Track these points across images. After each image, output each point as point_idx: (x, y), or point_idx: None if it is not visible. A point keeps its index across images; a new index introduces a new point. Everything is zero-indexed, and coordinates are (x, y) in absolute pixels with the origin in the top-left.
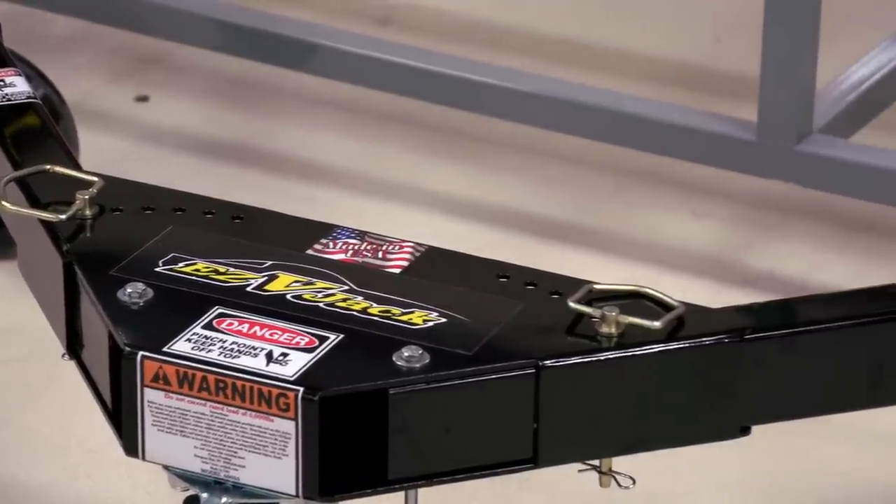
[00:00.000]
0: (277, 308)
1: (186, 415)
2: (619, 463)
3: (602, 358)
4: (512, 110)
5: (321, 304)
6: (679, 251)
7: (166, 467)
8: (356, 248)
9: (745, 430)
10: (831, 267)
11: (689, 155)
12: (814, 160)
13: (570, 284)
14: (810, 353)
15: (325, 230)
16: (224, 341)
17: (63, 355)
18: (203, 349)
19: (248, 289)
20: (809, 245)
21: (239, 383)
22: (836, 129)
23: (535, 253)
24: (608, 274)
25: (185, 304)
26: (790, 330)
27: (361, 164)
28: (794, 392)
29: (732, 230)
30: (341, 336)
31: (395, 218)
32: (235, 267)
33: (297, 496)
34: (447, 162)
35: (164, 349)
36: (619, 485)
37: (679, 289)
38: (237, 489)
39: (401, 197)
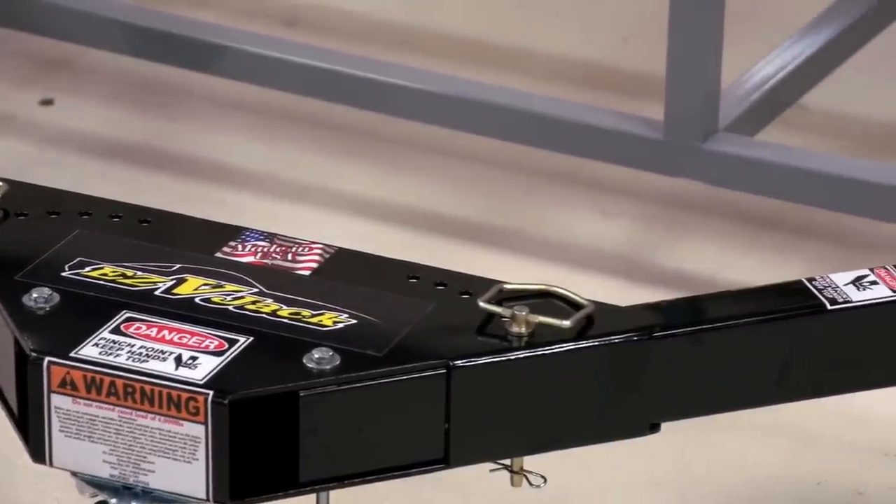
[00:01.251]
0: (186, 311)
1: (94, 420)
2: (531, 462)
3: (512, 357)
4: (420, 111)
5: (230, 307)
6: (588, 250)
7: (74, 473)
8: (265, 250)
9: (654, 427)
10: (739, 264)
11: (597, 154)
12: (720, 158)
13: (480, 284)
14: (718, 349)
15: (233, 233)
16: (132, 346)
17: None
18: (111, 354)
19: (157, 292)
20: (717, 243)
21: (148, 388)
22: (742, 127)
23: (445, 253)
24: (518, 274)
25: (92, 309)
26: (698, 327)
27: (270, 166)
28: (703, 388)
29: (641, 229)
30: (251, 339)
31: (305, 220)
32: (143, 271)
33: (207, 500)
34: (356, 163)
35: (72, 354)
36: (531, 484)
37: (589, 288)
38: (146, 494)
39: (310, 198)
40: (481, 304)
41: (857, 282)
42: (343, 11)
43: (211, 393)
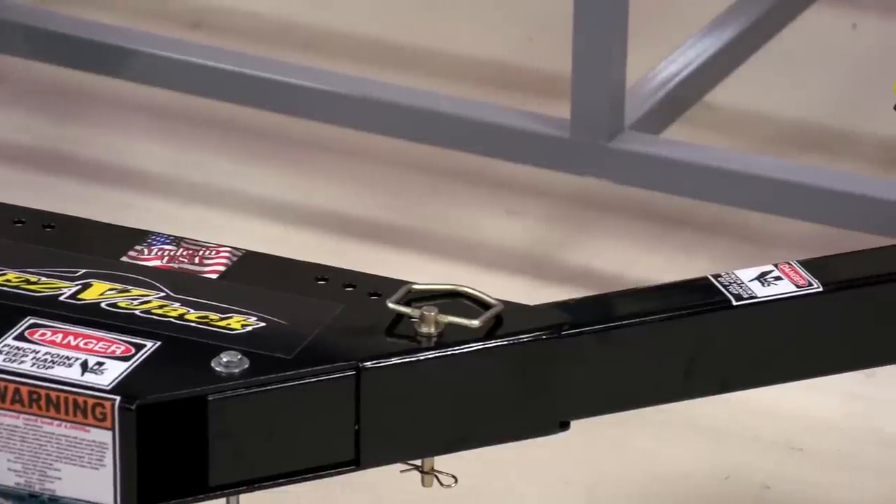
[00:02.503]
0: (92, 317)
1: None
2: (442, 461)
3: (422, 358)
4: (327, 112)
5: (137, 312)
6: (496, 249)
7: None
8: (172, 254)
9: (564, 425)
10: (646, 262)
11: (503, 153)
12: (626, 156)
13: (389, 285)
14: (626, 346)
15: (140, 237)
16: (37, 352)
17: None
18: (15, 360)
19: (61, 298)
20: (625, 240)
21: (53, 394)
22: (647, 125)
23: (353, 255)
24: (427, 274)
25: None
26: (606, 325)
27: (177, 169)
28: (612, 385)
29: (548, 227)
30: (158, 343)
31: (213, 223)
32: (47, 276)
33: None
34: (263, 165)
35: None
36: (442, 484)
37: (497, 287)
38: (53, 502)
39: (217, 201)
40: (390, 304)
41: (761, 277)
42: (248, 13)
43: (118, 398)
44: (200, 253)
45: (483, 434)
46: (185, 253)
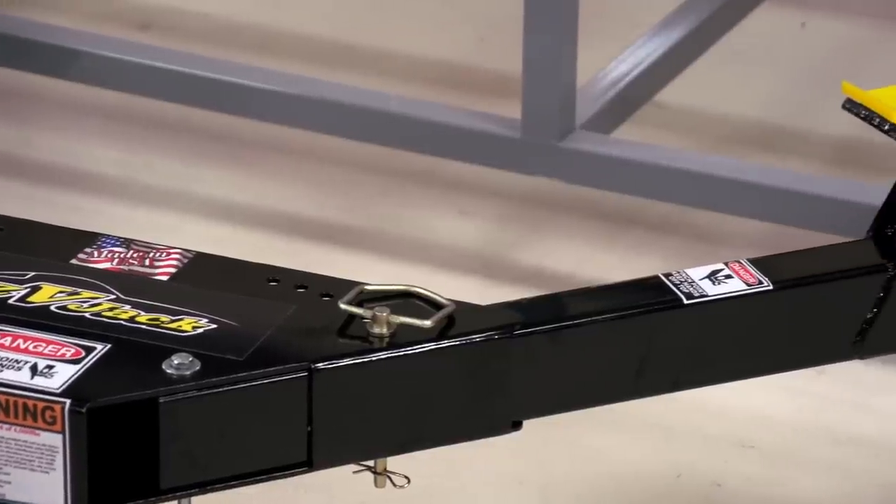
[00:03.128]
0: (41, 320)
1: None
2: (395, 462)
3: (373, 358)
4: (278, 113)
5: (87, 315)
6: (448, 249)
7: None
8: (122, 256)
9: (516, 425)
10: (598, 261)
11: (455, 153)
12: (577, 156)
13: (341, 286)
14: (578, 345)
15: (89, 239)
16: None
17: None
18: None
19: (10, 301)
20: (577, 240)
21: (3, 398)
22: (598, 125)
23: (305, 256)
24: (379, 274)
25: None
26: (558, 324)
27: (128, 171)
28: (565, 385)
29: (500, 227)
30: (109, 346)
31: (164, 225)
32: None
33: None
34: (214, 166)
35: None
36: (394, 484)
37: (449, 287)
38: None
39: (168, 203)
40: (342, 305)
41: (712, 276)
42: (198, 14)
43: (68, 402)
44: (151, 255)
45: (436, 434)
46: (135, 255)
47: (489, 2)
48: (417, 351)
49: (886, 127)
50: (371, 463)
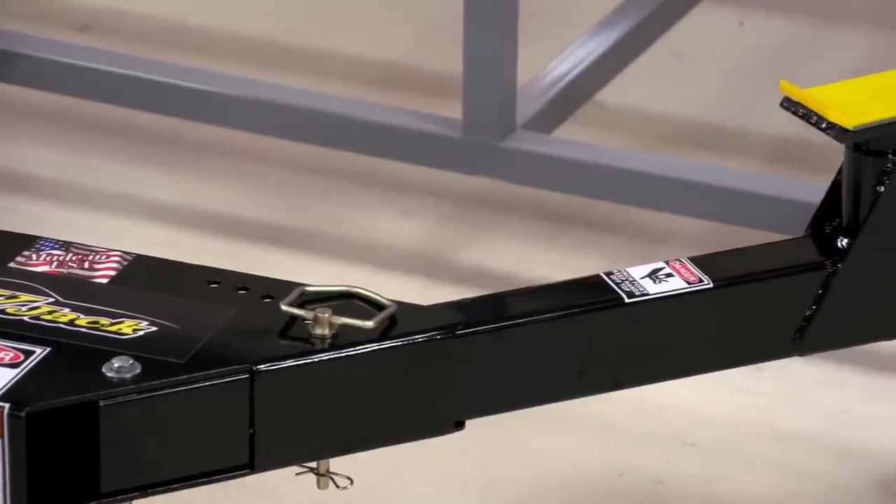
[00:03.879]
0: None
1: None
2: (338, 463)
3: (315, 360)
4: (218, 115)
5: (25, 318)
6: (390, 250)
7: None
8: (61, 259)
9: (459, 425)
10: (539, 260)
11: (395, 154)
12: (518, 156)
13: (282, 287)
14: (520, 345)
15: (27, 242)
16: None
17: None
18: None
19: None
20: (518, 239)
21: None
22: (539, 124)
23: (246, 257)
24: (320, 275)
25: None
26: (500, 324)
27: (66, 174)
28: (507, 384)
29: (442, 227)
30: (48, 349)
31: (104, 227)
32: None
33: None
34: (154, 168)
35: None
36: (337, 486)
37: (391, 287)
38: None
39: (108, 205)
40: (283, 307)
41: (653, 275)
42: (137, 15)
43: (7, 406)
44: (90, 258)
45: (379, 435)
46: (74, 258)
47: (429, 1)
48: (359, 352)
49: (824, 125)
50: (314, 464)
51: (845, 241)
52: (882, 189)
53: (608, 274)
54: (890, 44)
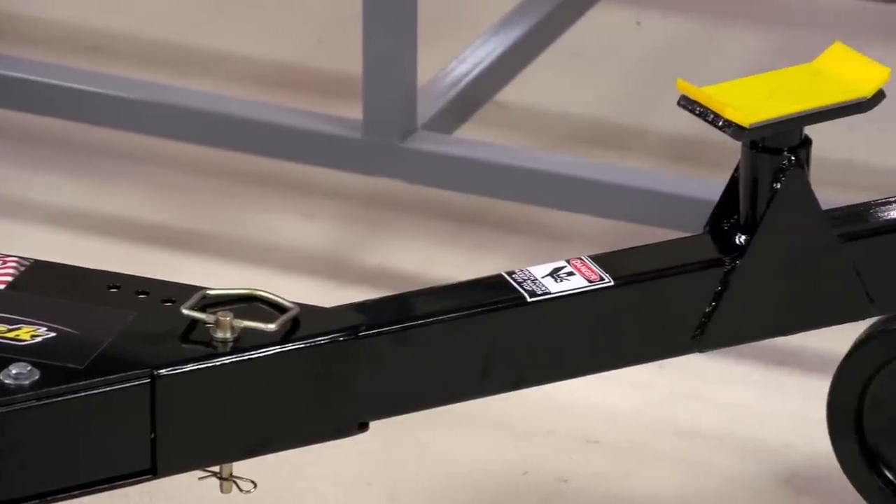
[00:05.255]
0: None
1: None
2: (242, 466)
3: (217, 363)
4: (116, 118)
5: None
6: (292, 252)
7: None
8: None
9: (363, 426)
10: (442, 260)
11: (296, 156)
12: (419, 156)
13: (183, 291)
14: (424, 345)
15: None
16: None
17: None
18: None
19: None
20: (421, 240)
21: None
22: (440, 125)
23: (147, 261)
24: (222, 279)
25: None
26: (403, 324)
27: None
28: (411, 385)
29: (344, 229)
30: None
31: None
32: None
33: None
34: (51, 173)
35: None
36: (241, 489)
37: (294, 290)
38: None
39: (4, 211)
40: (184, 311)
41: (554, 273)
42: (31, 18)
43: None
44: None
45: (282, 438)
46: None
47: (328, 2)
48: (262, 355)
49: (720, 123)
50: (217, 468)
51: (743, 237)
52: (778, 186)
53: (510, 273)
54: (784, 42)
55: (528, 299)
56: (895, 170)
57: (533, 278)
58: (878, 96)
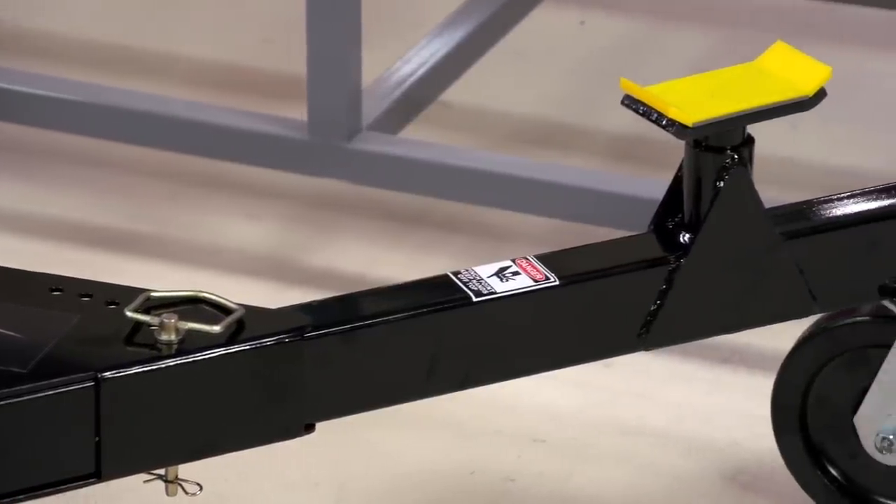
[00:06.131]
0: None
1: None
2: (188, 469)
3: (162, 366)
4: (59, 120)
5: None
6: (237, 253)
7: None
8: None
9: (309, 428)
10: (388, 260)
11: (241, 157)
12: (364, 157)
13: (127, 293)
14: (370, 346)
15: None
16: None
17: None
18: None
19: None
20: (366, 240)
21: None
22: (385, 125)
23: (91, 264)
24: (167, 281)
25: None
26: (349, 325)
27: None
28: (357, 386)
29: (289, 230)
30: None
31: None
32: None
33: None
34: None
35: None
36: (186, 492)
37: (239, 291)
38: None
39: None
40: (128, 313)
41: (500, 273)
42: None
43: None
44: None
45: (228, 440)
46: None
47: (273, 2)
48: (206, 357)
49: (664, 122)
50: (162, 471)
51: (687, 236)
52: (721, 184)
53: (456, 273)
54: (727, 42)
55: (474, 299)
56: (837, 168)
57: (478, 278)
58: (820, 95)
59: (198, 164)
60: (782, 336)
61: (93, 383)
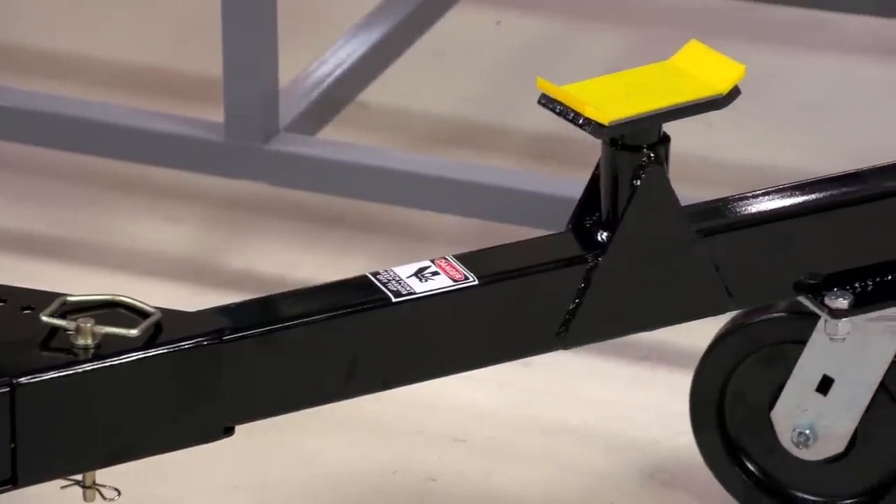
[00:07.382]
0: None
1: None
2: (107, 474)
3: (79, 370)
4: None
5: None
6: (155, 256)
7: None
8: None
9: (228, 430)
10: (306, 262)
11: (158, 160)
12: (282, 158)
13: (43, 298)
14: (289, 348)
15: None
16: None
17: None
18: None
19: None
20: (284, 242)
21: None
22: (302, 126)
23: (7, 269)
24: (85, 285)
25: None
26: (268, 327)
27: None
28: (276, 388)
29: (207, 232)
30: None
31: None
32: None
33: None
34: None
35: None
36: (104, 497)
37: (156, 295)
38: None
39: None
40: (44, 318)
41: (419, 273)
42: None
43: None
44: None
45: (146, 444)
46: None
47: (189, 3)
48: (123, 361)
49: (580, 121)
50: (80, 477)
51: (605, 235)
52: (638, 183)
53: (375, 274)
54: (641, 41)
55: (394, 300)
56: (752, 165)
57: (398, 279)
58: (734, 93)
59: (114, 167)
60: (699, 333)
61: (8, 389)
